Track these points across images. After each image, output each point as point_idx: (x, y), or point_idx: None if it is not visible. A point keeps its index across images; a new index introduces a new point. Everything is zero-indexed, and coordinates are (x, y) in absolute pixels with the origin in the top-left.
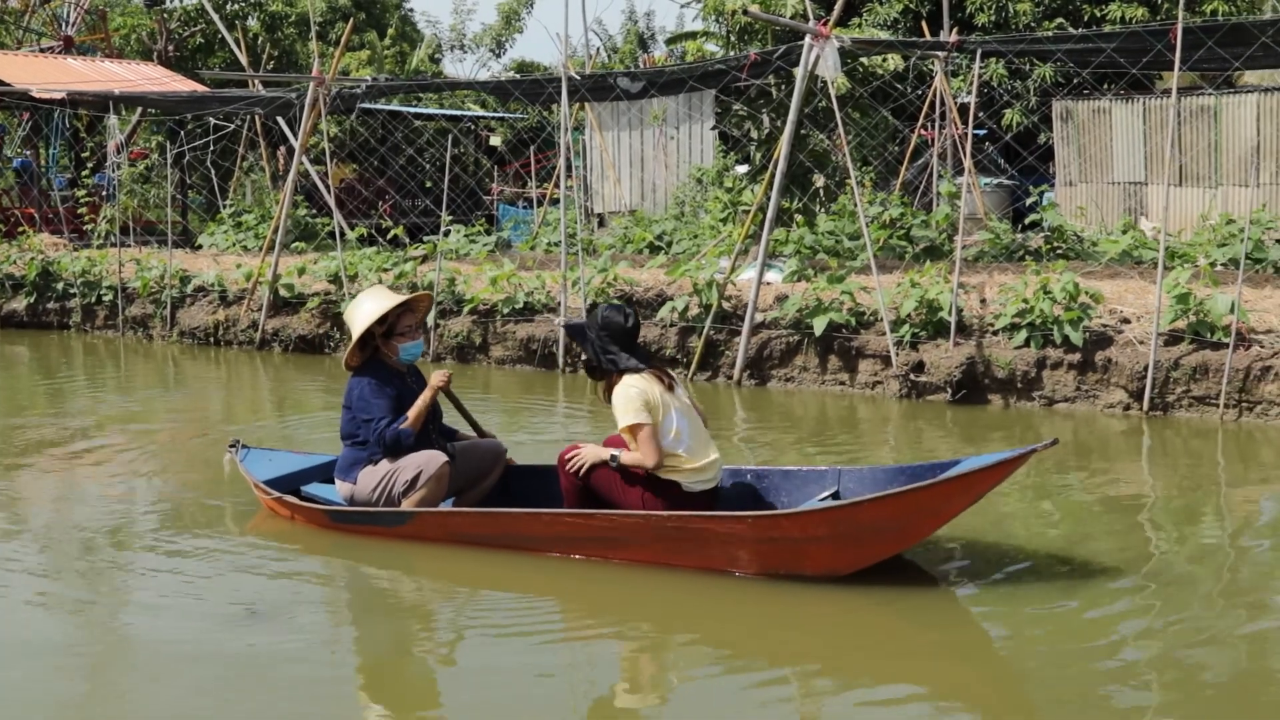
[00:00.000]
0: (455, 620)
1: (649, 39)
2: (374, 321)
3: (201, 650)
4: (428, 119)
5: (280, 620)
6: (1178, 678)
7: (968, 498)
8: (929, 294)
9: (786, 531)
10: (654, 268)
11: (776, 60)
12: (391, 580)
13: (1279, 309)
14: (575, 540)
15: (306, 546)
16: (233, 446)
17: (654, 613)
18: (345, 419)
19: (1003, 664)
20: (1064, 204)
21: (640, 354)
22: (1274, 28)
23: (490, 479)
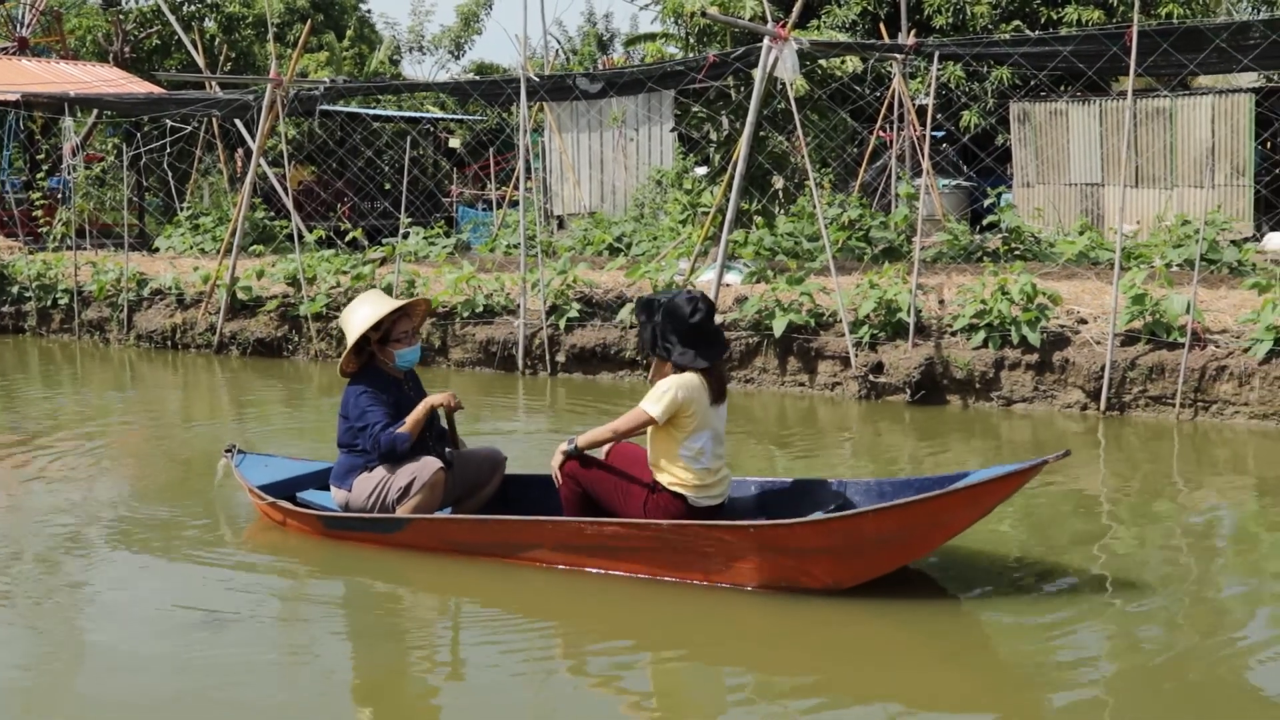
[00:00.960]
0: (446, 633)
1: (608, 41)
2: (369, 327)
3: (144, 659)
4: (386, 121)
5: (259, 629)
6: (1182, 685)
7: (976, 510)
8: (888, 295)
9: (791, 542)
10: (613, 269)
11: (735, 62)
12: (382, 589)
13: (1234, 309)
14: (573, 549)
15: (300, 554)
16: (228, 451)
17: (654, 626)
18: (342, 427)
19: (1009, 674)
20: (1021, 205)
21: (705, 349)
22: (1227, 31)
23: (489, 488)
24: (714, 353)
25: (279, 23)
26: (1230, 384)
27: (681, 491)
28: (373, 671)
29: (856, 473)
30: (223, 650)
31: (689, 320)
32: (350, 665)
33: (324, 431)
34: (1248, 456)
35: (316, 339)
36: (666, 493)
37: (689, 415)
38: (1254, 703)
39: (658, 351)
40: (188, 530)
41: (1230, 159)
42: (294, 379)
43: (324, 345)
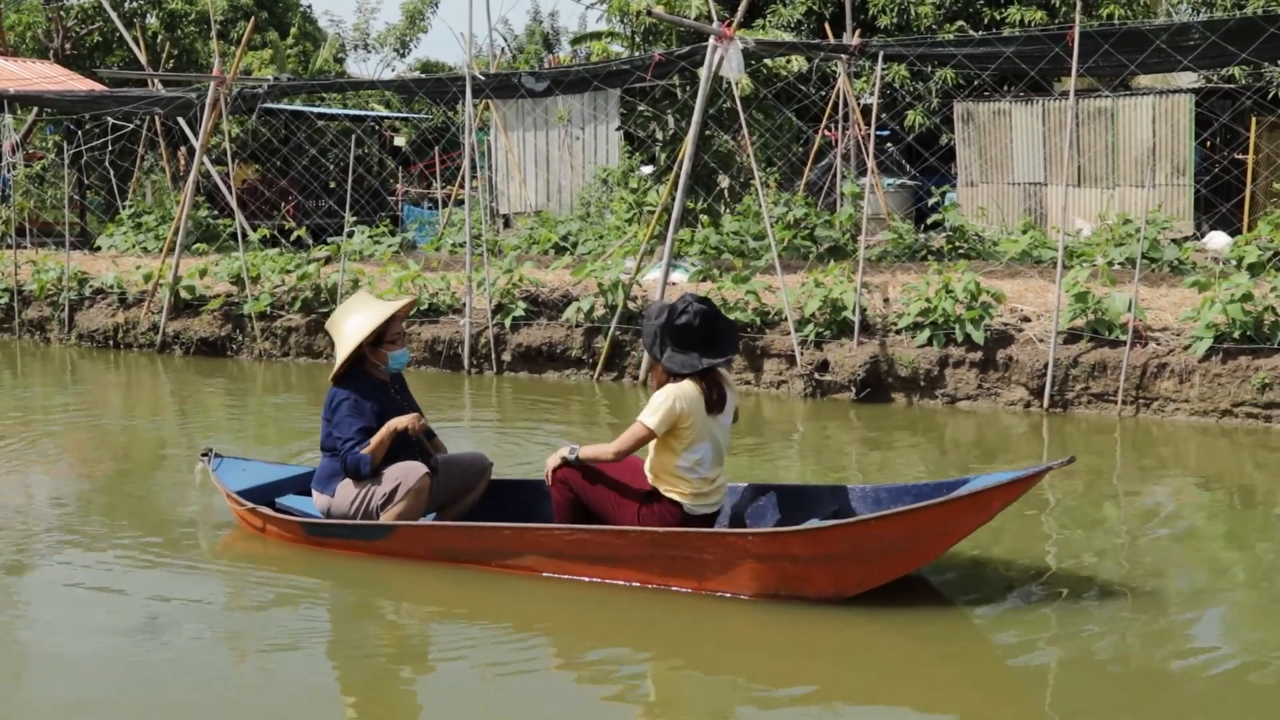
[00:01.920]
0: (433, 643)
1: (553, 39)
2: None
3: (104, 663)
4: (331, 119)
5: (237, 639)
6: (1188, 691)
7: (981, 516)
8: (833, 294)
9: (792, 550)
10: (559, 268)
11: (681, 61)
12: (367, 598)
13: (1174, 307)
14: (566, 557)
15: (279, 562)
16: (205, 455)
17: (650, 636)
18: (324, 430)
19: (1015, 682)
20: (965, 204)
21: (701, 353)
22: (1167, 32)
23: (474, 494)
24: (710, 356)
25: (222, 20)
26: (1171, 381)
27: (677, 499)
28: (358, 683)
29: (803, 472)
30: (198, 660)
31: (674, 322)
32: (335, 677)
33: (266, 432)
34: (1189, 453)
35: (261, 338)
36: (662, 500)
37: (686, 426)
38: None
39: (652, 352)
40: (162, 537)
41: (1171, 159)
42: (238, 378)
43: (268, 345)
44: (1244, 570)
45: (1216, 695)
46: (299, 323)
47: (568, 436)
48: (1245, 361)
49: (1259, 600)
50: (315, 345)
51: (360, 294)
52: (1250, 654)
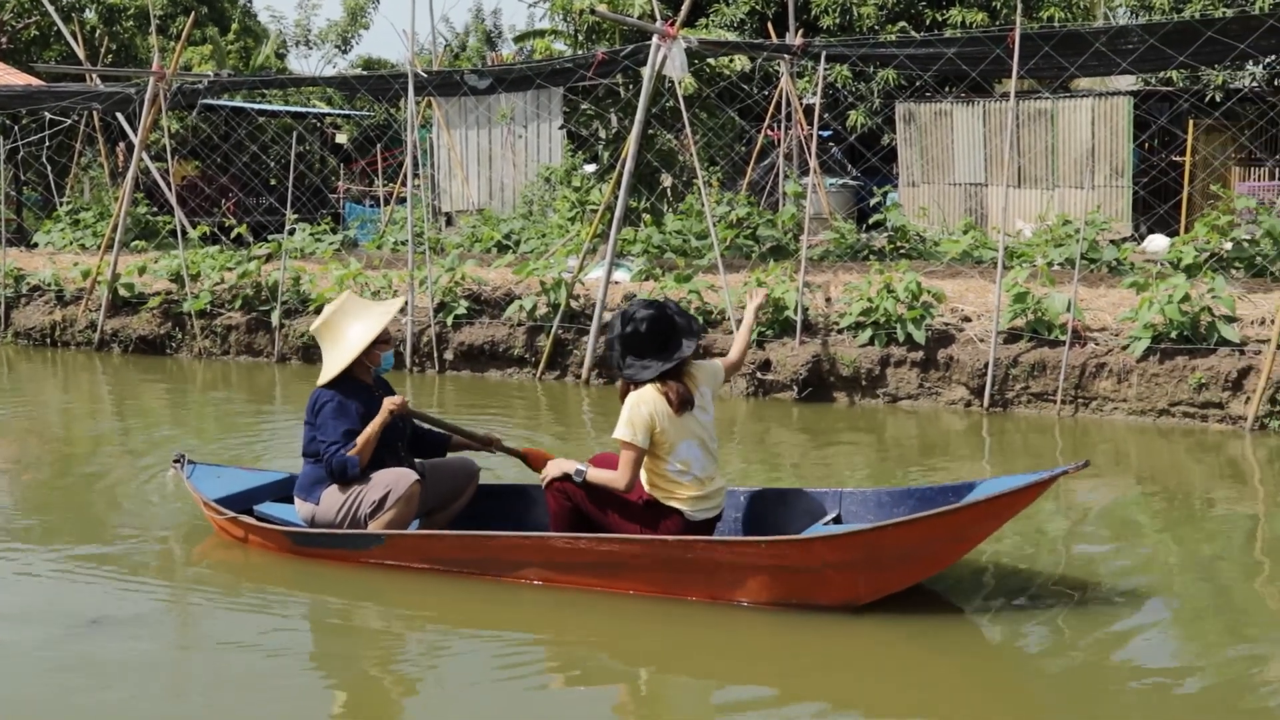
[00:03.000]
0: (428, 654)
1: (496, 37)
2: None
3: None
4: (272, 115)
5: (223, 652)
6: (1201, 702)
7: (996, 522)
8: (775, 293)
9: (804, 558)
10: (502, 266)
11: (624, 60)
12: (357, 608)
13: (1113, 307)
14: (568, 567)
15: (262, 572)
16: (177, 461)
17: (655, 646)
18: (307, 435)
19: (1028, 690)
20: (907, 204)
21: (654, 358)
22: (1106, 35)
23: (462, 499)
24: (665, 359)
25: (162, 15)
26: (1109, 381)
27: (677, 506)
28: (350, 695)
29: (746, 471)
30: (173, 675)
31: (623, 331)
32: (323, 690)
33: (207, 428)
34: (1128, 451)
35: (201, 337)
36: (662, 509)
37: (659, 430)
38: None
39: (615, 365)
40: (130, 545)
41: (1109, 160)
42: (178, 377)
43: (208, 343)
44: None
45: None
46: (239, 321)
47: (512, 437)
48: (1182, 362)
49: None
50: (256, 344)
51: (348, 297)
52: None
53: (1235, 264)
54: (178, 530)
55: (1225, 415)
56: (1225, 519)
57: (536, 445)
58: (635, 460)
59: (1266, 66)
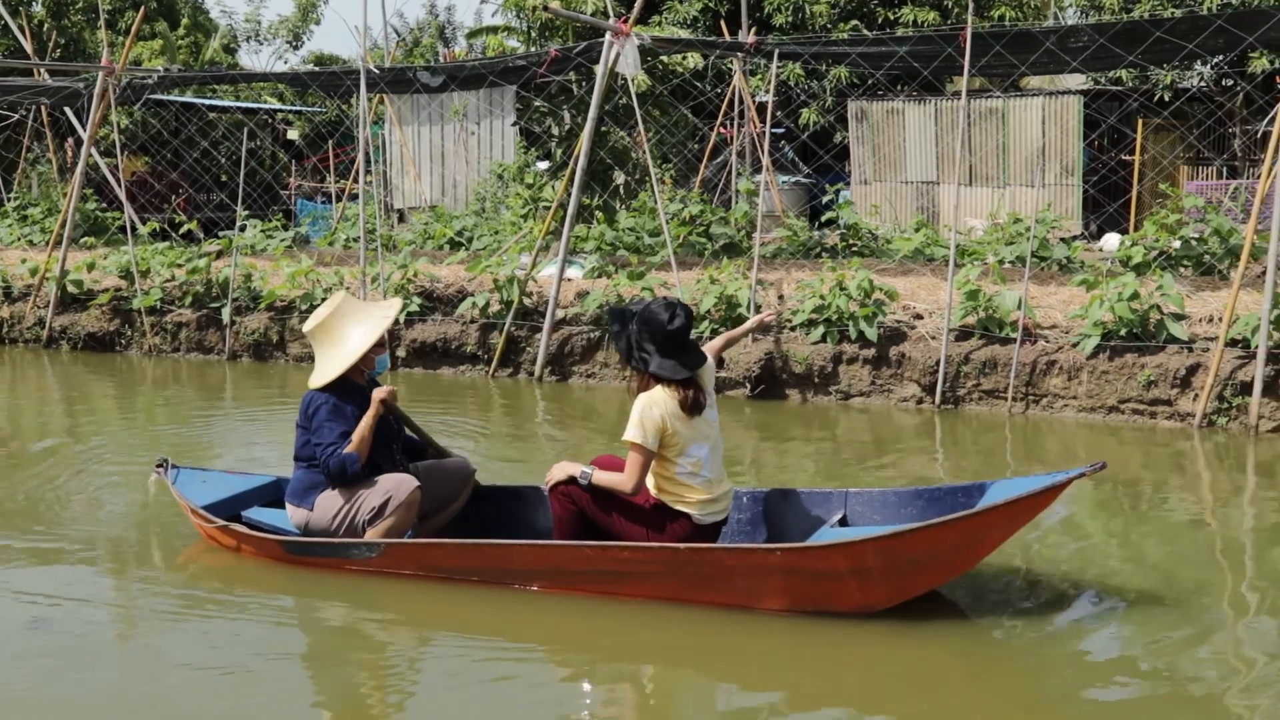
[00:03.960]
0: (430, 663)
1: (449, 33)
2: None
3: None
4: (223, 111)
5: (218, 667)
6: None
7: (1014, 526)
8: (728, 290)
9: (821, 564)
10: (454, 264)
11: (577, 57)
12: (359, 618)
13: (1063, 305)
14: (576, 575)
15: (253, 580)
16: (160, 466)
17: (667, 653)
18: (300, 439)
19: (1041, 692)
20: (859, 202)
21: (684, 359)
22: (1056, 35)
23: (458, 502)
24: (693, 362)
25: (111, 9)
26: (1060, 378)
27: (685, 510)
28: (351, 710)
29: None
30: (169, 683)
31: (666, 327)
32: (323, 702)
33: (160, 428)
34: (1077, 448)
35: (150, 334)
36: (670, 513)
37: (670, 433)
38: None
39: (634, 363)
40: (109, 553)
41: (1060, 159)
42: (127, 375)
43: (158, 340)
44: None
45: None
46: (190, 318)
47: (466, 435)
48: (1131, 359)
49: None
50: (206, 341)
51: (345, 298)
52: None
53: (1184, 262)
54: (148, 534)
55: (1174, 412)
56: (1167, 516)
57: (490, 443)
58: (644, 463)
59: (1214, 67)
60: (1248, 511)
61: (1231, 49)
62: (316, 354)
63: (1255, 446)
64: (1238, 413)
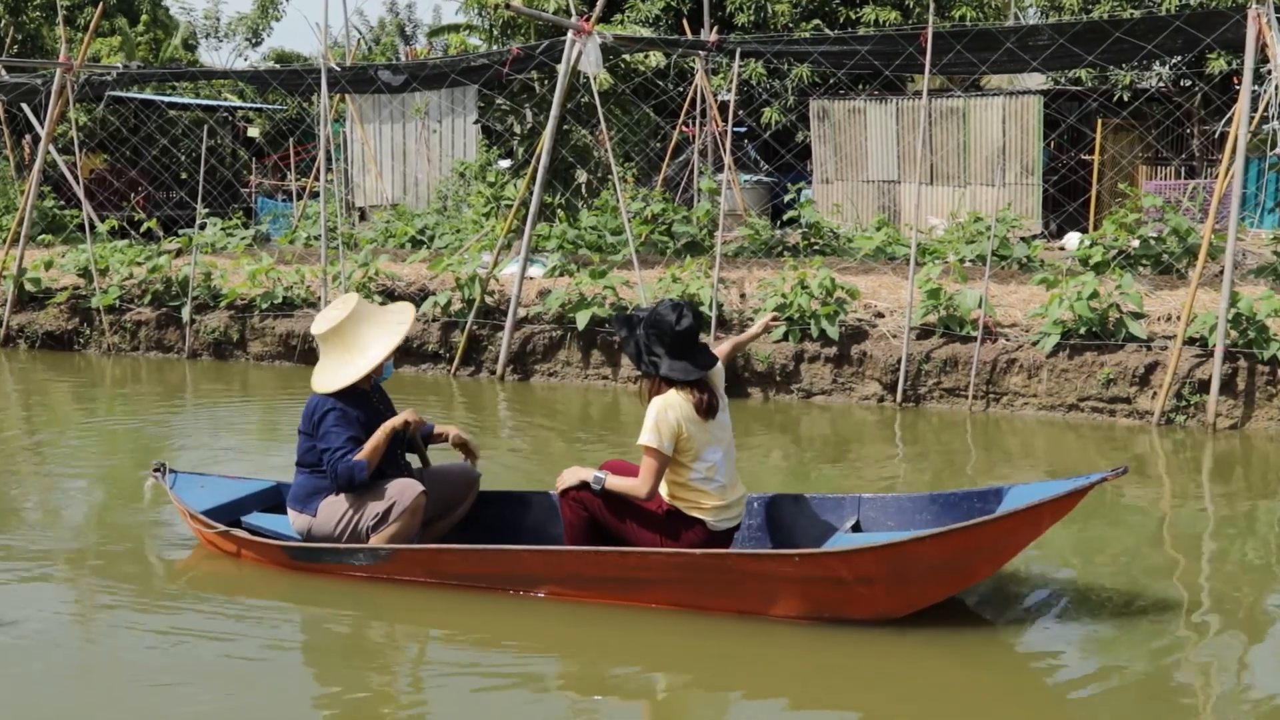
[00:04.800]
0: (442, 673)
1: (409, 31)
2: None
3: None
4: (183, 108)
5: (225, 680)
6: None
7: (1036, 531)
8: (690, 289)
9: (839, 571)
10: (416, 262)
11: (539, 55)
12: (360, 623)
13: (1023, 304)
14: (588, 581)
15: (256, 587)
16: (157, 470)
17: (682, 661)
18: (303, 444)
19: (1062, 703)
20: (821, 201)
21: (697, 359)
22: (1017, 35)
23: (463, 507)
24: (705, 362)
25: (69, 5)
26: (1020, 376)
27: (700, 516)
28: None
29: None
30: (176, 694)
31: (675, 328)
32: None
33: (118, 425)
34: (1036, 446)
35: (109, 332)
36: (684, 520)
37: (685, 436)
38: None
39: (644, 367)
40: (104, 561)
41: (1020, 158)
42: (86, 374)
43: (117, 339)
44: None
45: None
46: (149, 316)
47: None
48: (1091, 357)
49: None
50: (166, 339)
51: (360, 302)
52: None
53: (1142, 261)
54: (142, 540)
55: (1133, 410)
56: (1128, 515)
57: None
58: (659, 468)
59: (1173, 67)
60: (1209, 508)
61: (1189, 50)
62: (325, 358)
63: (1213, 444)
64: (1195, 410)
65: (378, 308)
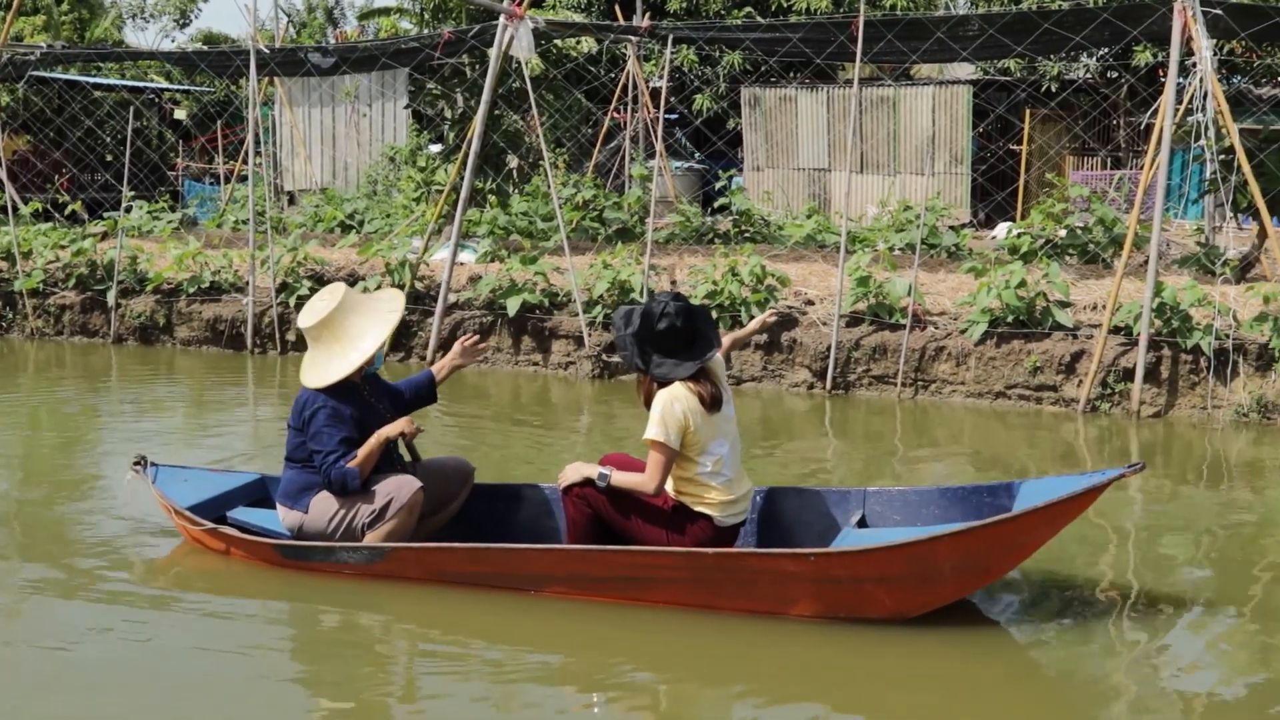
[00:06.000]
0: (441, 677)
1: (338, 14)
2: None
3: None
4: (109, 89)
5: (220, 686)
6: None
7: (1054, 528)
8: (621, 275)
9: (859, 570)
10: (346, 247)
11: (470, 39)
12: (355, 623)
13: (952, 292)
14: (595, 581)
15: (244, 587)
16: (137, 464)
17: (696, 661)
18: (292, 440)
19: (1076, 698)
20: (752, 188)
21: (686, 355)
22: (947, 24)
23: (457, 502)
24: (695, 355)
25: None
26: (948, 364)
27: (707, 512)
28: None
29: (590, 450)
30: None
31: (655, 328)
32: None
33: (40, 414)
34: (964, 433)
35: (33, 316)
36: (690, 515)
37: (692, 430)
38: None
39: (635, 365)
40: (80, 560)
41: (949, 147)
42: (10, 358)
43: (41, 323)
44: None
45: None
46: (74, 300)
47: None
48: (1018, 345)
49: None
50: (91, 324)
51: (346, 291)
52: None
53: (1069, 250)
54: (119, 536)
55: (1059, 398)
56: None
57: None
58: (666, 463)
59: (1100, 59)
60: (1135, 497)
61: (1116, 41)
62: (314, 351)
63: (1136, 431)
64: (1120, 398)
65: (366, 296)
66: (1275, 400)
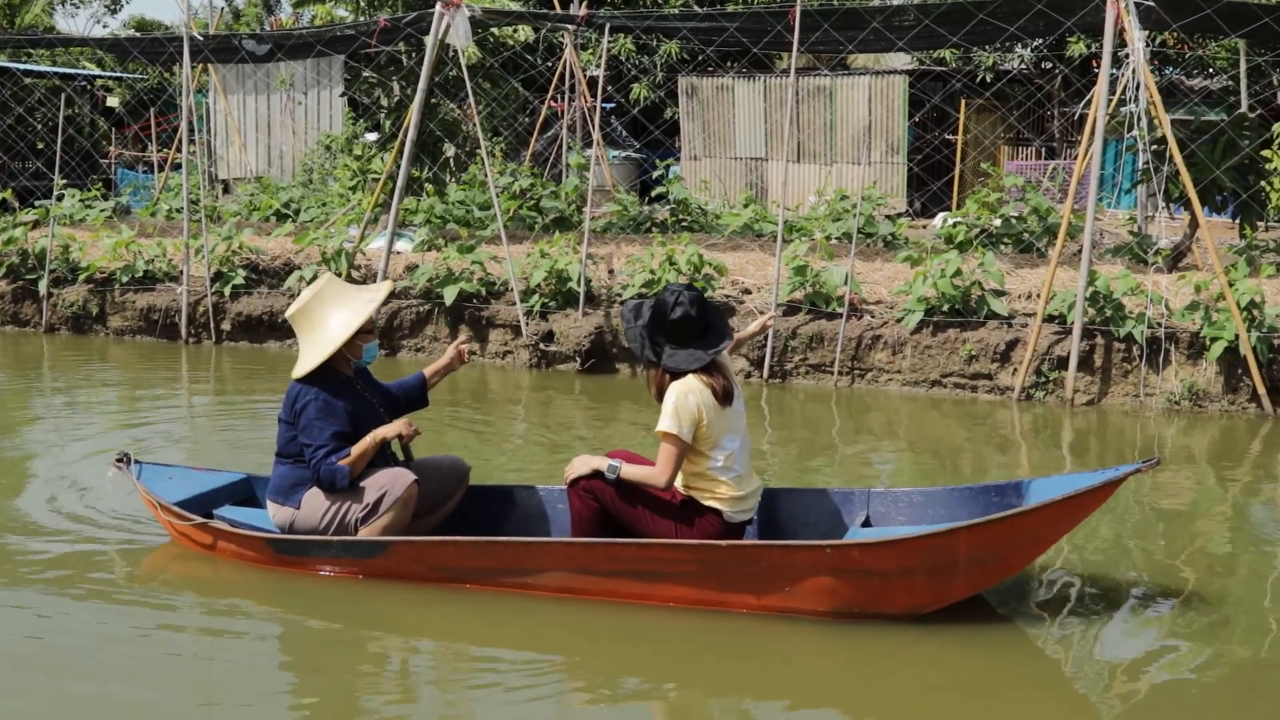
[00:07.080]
0: (441, 678)
1: (274, 0)
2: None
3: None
4: (39, 76)
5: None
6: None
7: (1070, 523)
8: (558, 264)
9: (875, 564)
10: (281, 236)
11: (407, 27)
12: (351, 624)
13: (888, 281)
14: (602, 576)
15: (236, 587)
16: (120, 461)
17: (704, 661)
18: (284, 434)
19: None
20: (689, 178)
21: (702, 343)
22: (883, 14)
23: (453, 501)
24: (709, 345)
25: None
26: (884, 353)
27: (717, 507)
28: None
29: (528, 438)
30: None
31: (669, 317)
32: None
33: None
34: (900, 421)
35: None
36: (700, 510)
37: (704, 424)
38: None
39: (646, 357)
40: (61, 561)
41: (886, 137)
42: None
43: None
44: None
45: None
46: (4, 289)
47: None
48: (954, 334)
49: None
50: (22, 313)
51: (329, 280)
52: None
53: (1004, 240)
54: (99, 534)
55: (994, 386)
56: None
57: None
58: (678, 456)
59: (1034, 50)
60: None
61: (1050, 32)
62: (300, 341)
63: (1070, 419)
64: (1054, 386)
65: (350, 287)
66: (1206, 388)
